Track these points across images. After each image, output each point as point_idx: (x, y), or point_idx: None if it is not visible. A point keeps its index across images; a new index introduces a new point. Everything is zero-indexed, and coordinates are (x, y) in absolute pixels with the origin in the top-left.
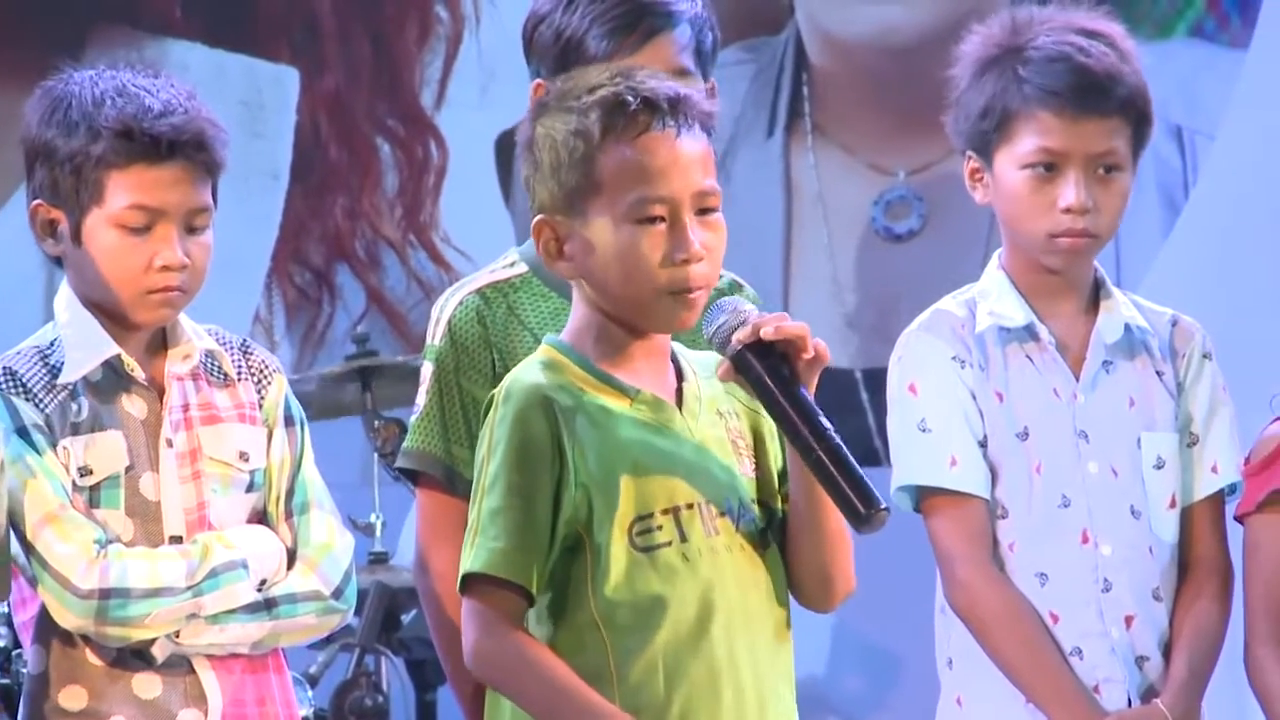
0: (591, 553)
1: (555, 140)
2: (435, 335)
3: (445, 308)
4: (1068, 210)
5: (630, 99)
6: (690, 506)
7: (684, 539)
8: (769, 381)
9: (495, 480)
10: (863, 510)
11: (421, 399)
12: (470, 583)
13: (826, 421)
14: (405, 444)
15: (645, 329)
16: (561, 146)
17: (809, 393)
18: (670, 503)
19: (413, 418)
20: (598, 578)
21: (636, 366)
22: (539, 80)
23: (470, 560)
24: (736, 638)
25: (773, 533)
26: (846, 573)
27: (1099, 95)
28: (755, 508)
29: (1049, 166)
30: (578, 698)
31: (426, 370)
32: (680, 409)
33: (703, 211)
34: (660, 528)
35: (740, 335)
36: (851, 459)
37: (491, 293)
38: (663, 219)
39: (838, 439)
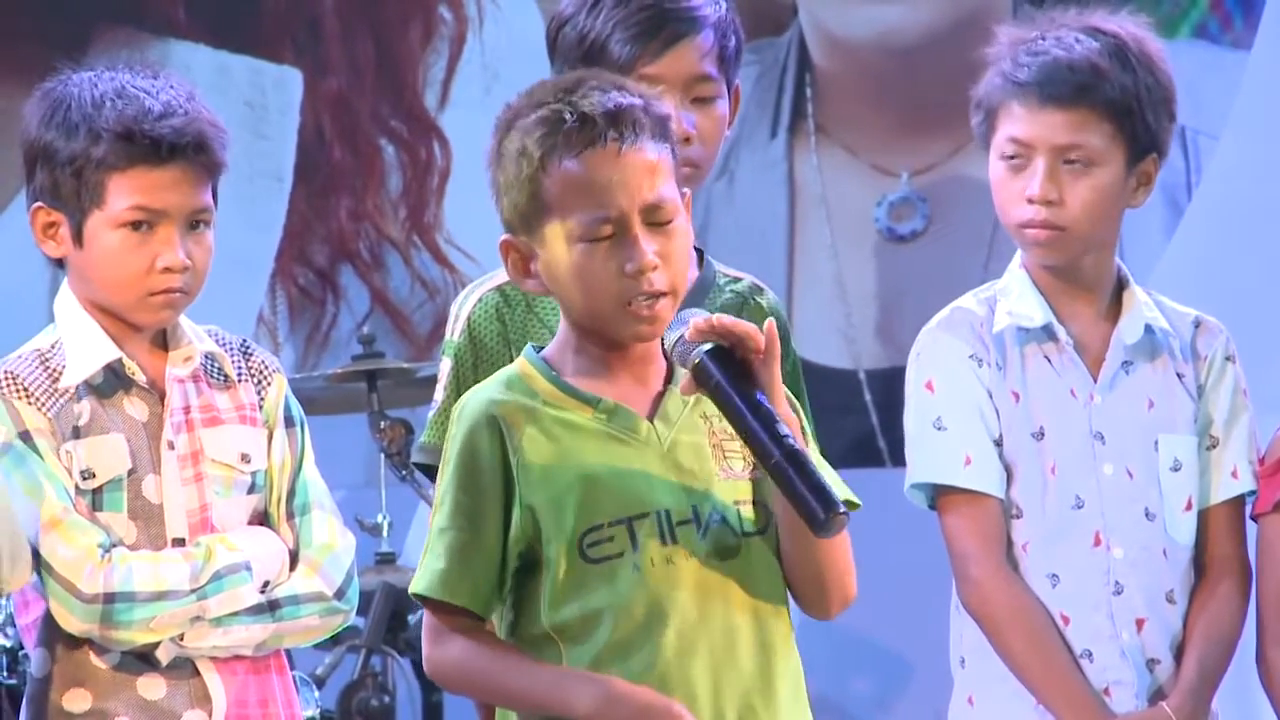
0: (544, 568)
1: (506, 159)
2: (454, 331)
3: (465, 304)
4: (1030, 200)
5: (567, 116)
6: (644, 516)
7: (635, 548)
8: (726, 388)
9: (443, 500)
10: (821, 515)
11: (439, 394)
12: (423, 598)
13: (785, 428)
14: (422, 439)
15: (617, 342)
16: (511, 165)
17: (773, 391)
18: (622, 513)
19: (430, 413)
20: (549, 591)
21: (615, 376)
22: None
23: (415, 580)
24: (692, 648)
25: (768, 537)
26: (842, 582)
27: (1064, 87)
28: (740, 511)
29: (1019, 156)
30: (522, 665)
31: (445, 366)
32: (655, 416)
33: (655, 224)
34: (611, 538)
35: (688, 334)
36: (811, 464)
37: (511, 290)
38: (610, 236)
39: (796, 444)
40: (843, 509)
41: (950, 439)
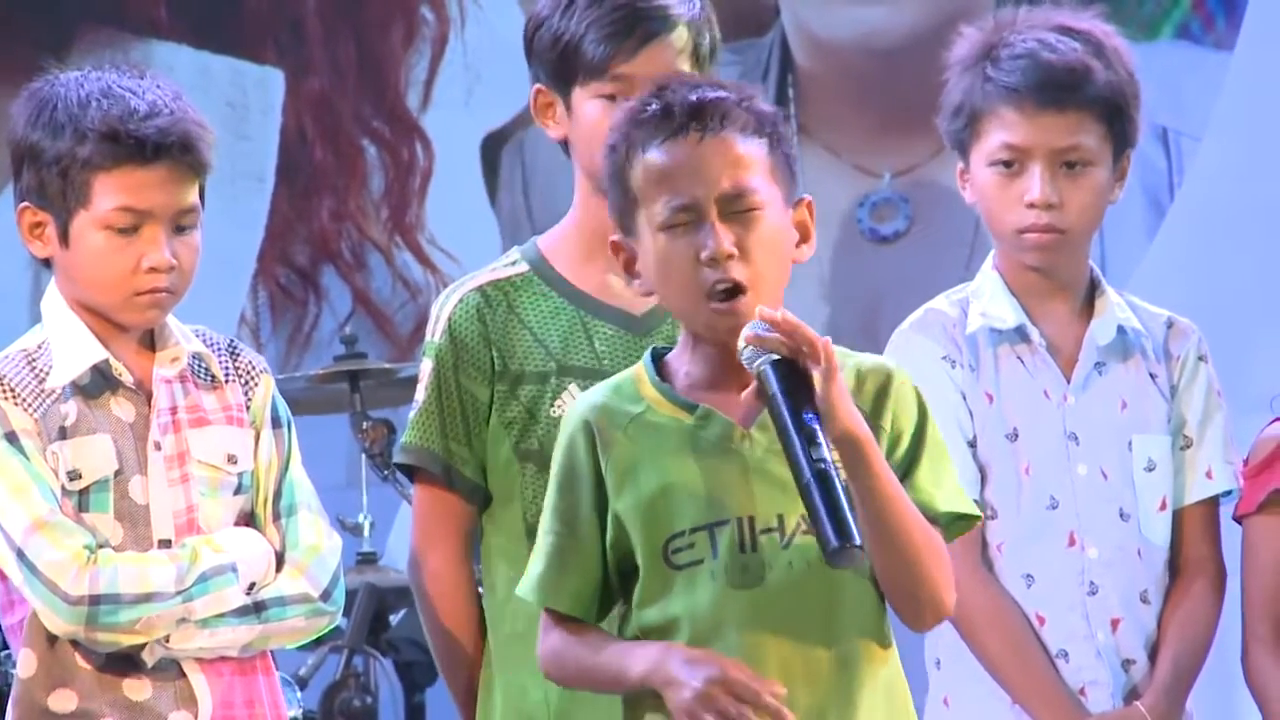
0: (637, 574)
1: (605, 157)
2: (435, 332)
3: (446, 304)
4: (1031, 205)
5: (651, 108)
6: (724, 523)
7: (714, 555)
8: (777, 400)
9: (547, 504)
10: (834, 542)
11: (420, 394)
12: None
13: (827, 452)
14: (403, 439)
15: (709, 341)
16: (607, 162)
17: (832, 408)
18: (703, 519)
19: (411, 413)
20: (638, 595)
21: (723, 382)
22: (539, 85)
23: (520, 581)
24: (762, 658)
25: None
26: (935, 594)
27: (1059, 90)
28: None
29: (1014, 162)
30: (597, 642)
31: (426, 367)
32: (754, 424)
33: (736, 213)
34: (692, 545)
35: (747, 334)
36: (839, 491)
37: (492, 290)
38: (689, 223)
39: (831, 468)
40: (857, 542)
41: None
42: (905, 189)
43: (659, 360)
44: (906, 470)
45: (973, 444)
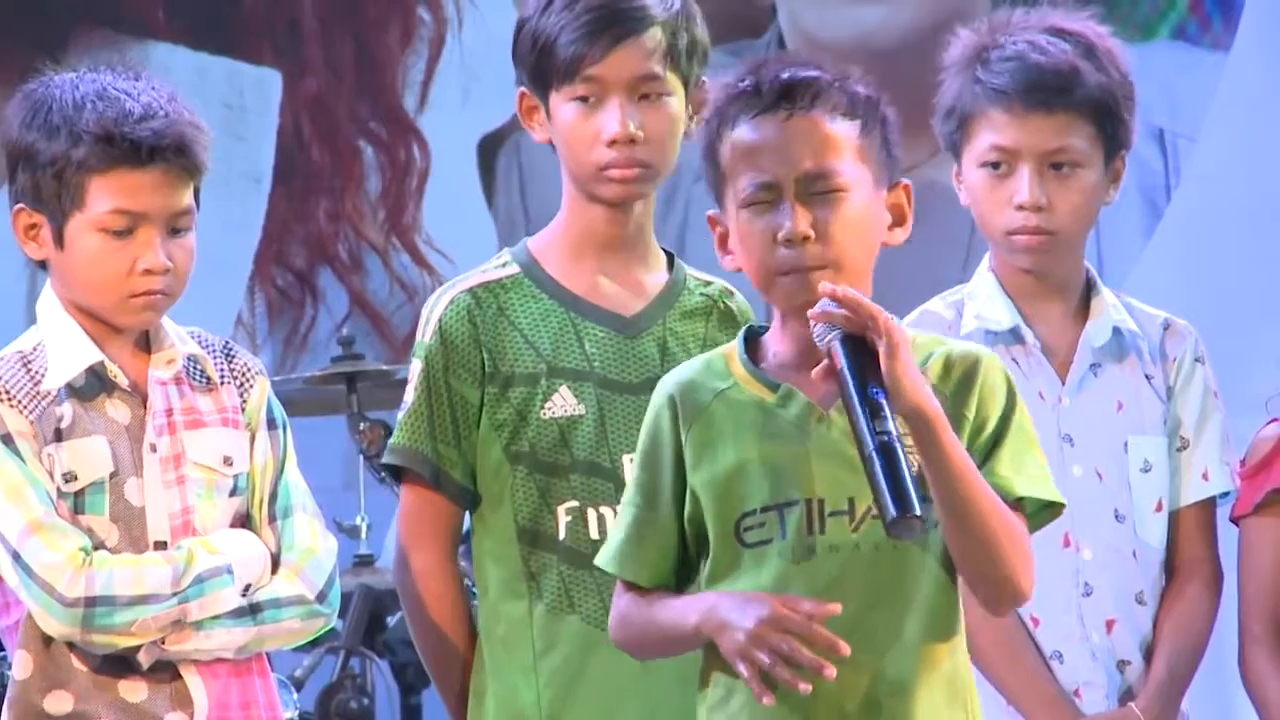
0: (710, 550)
1: (700, 129)
2: (426, 333)
3: (436, 306)
4: (1020, 207)
5: (742, 85)
6: (793, 504)
7: (783, 535)
8: (845, 374)
9: (630, 476)
10: (892, 512)
11: (410, 395)
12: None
13: (891, 425)
14: (392, 440)
15: (793, 319)
16: (703, 136)
17: (898, 384)
18: (774, 499)
19: (400, 414)
20: (709, 571)
21: (811, 361)
22: (522, 89)
23: (600, 550)
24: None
25: (936, 534)
26: (1012, 578)
27: (1047, 92)
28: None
29: (1003, 164)
30: (659, 601)
31: (415, 367)
32: (834, 406)
33: (818, 194)
34: (763, 524)
35: (813, 312)
36: (902, 464)
37: (483, 292)
38: (769, 202)
39: (895, 440)
40: (918, 512)
41: None
42: None
43: (755, 339)
44: (987, 455)
45: None
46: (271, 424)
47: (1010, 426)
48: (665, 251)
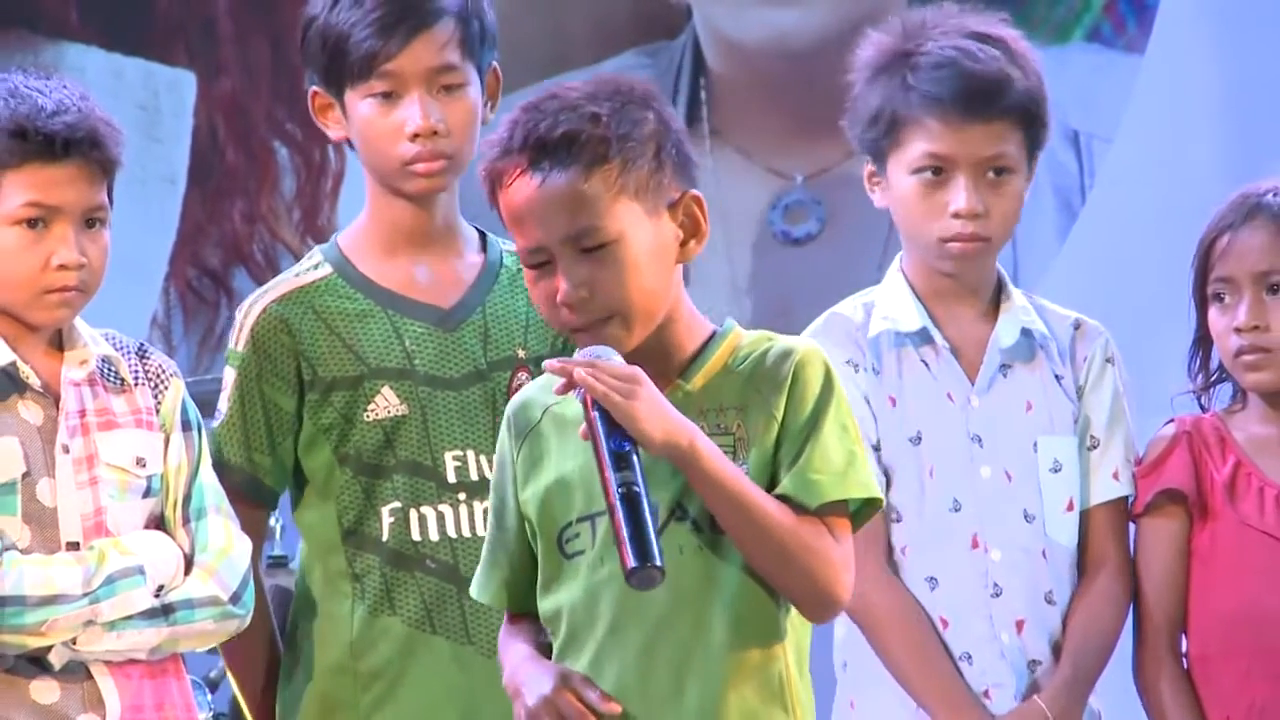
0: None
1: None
2: (239, 342)
3: (250, 314)
4: (957, 215)
5: (501, 146)
6: (602, 513)
7: (594, 545)
8: (592, 426)
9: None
10: (633, 562)
11: (224, 405)
12: None
13: (637, 475)
14: (210, 451)
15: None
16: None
17: (644, 430)
18: (588, 509)
19: (214, 424)
20: (540, 586)
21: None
22: (314, 88)
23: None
24: (629, 644)
25: None
26: (809, 586)
27: (985, 100)
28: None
29: (938, 171)
30: (511, 647)
31: (229, 377)
32: None
33: (587, 250)
34: (579, 535)
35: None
36: (645, 514)
37: (295, 298)
38: (544, 264)
39: (638, 490)
40: (658, 563)
41: None
42: (818, 191)
43: None
44: (797, 456)
45: (877, 448)
46: (186, 425)
47: (822, 424)
48: (478, 231)
